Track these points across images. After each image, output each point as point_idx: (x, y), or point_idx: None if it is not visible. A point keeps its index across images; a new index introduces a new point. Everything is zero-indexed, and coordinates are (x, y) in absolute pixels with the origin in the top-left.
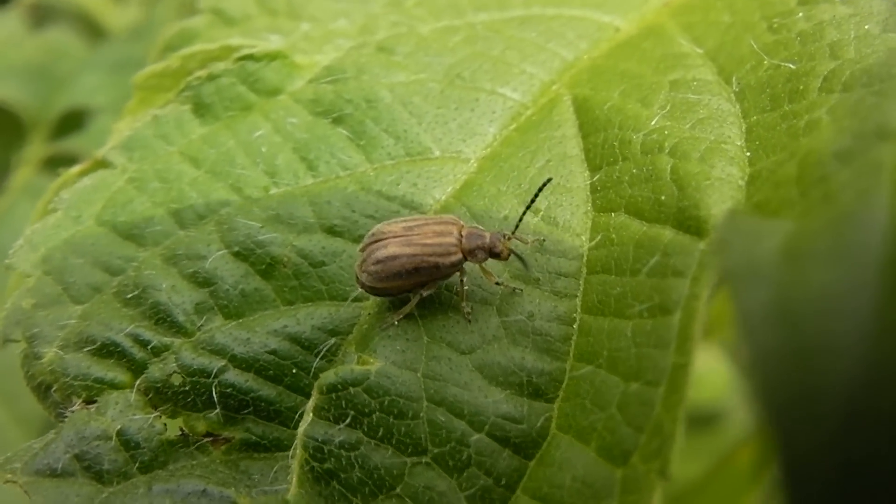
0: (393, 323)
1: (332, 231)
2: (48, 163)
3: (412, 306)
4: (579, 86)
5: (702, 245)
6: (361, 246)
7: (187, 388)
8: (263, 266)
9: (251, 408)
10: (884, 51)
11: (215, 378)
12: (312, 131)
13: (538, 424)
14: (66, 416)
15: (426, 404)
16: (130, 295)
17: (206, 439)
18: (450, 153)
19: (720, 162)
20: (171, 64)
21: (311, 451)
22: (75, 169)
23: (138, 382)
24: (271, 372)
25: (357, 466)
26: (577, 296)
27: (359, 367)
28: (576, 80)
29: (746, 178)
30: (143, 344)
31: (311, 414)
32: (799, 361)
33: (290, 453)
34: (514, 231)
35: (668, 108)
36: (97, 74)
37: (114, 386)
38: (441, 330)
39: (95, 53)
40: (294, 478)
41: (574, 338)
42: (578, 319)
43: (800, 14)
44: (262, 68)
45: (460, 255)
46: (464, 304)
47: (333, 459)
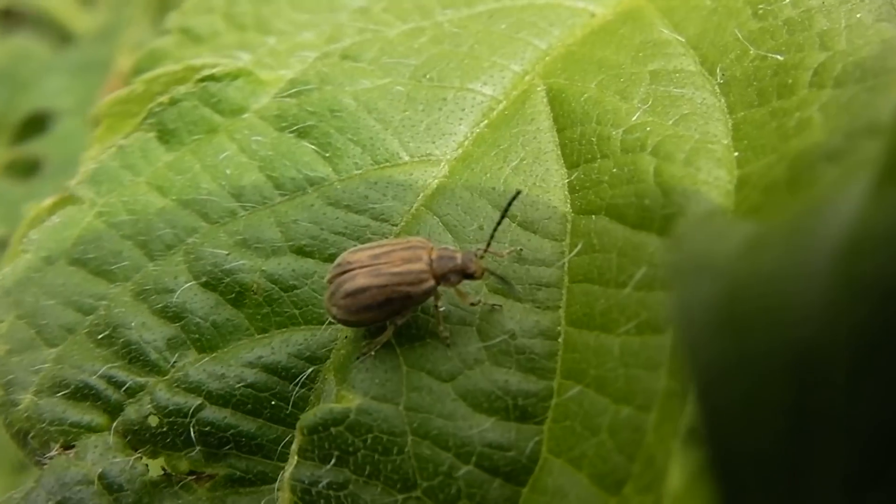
0: (370, 354)
1: (302, 252)
2: (10, 167)
3: (388, 335)
4: (553, 75)
5: None
6: (328, 277)
7: (165, 430)
8: (233, 294)
9: (232, 444)
10: (877, 42)
11: (192, 417)
12: (277, 148)
13: (528, 449)
14: (46, 463)
15: (411, 438)
16: (102, 335)
17: (190, 477)
18: (419, 156)
19: (707, 164)
20: (136, 89)
21: (300, 494)
22: (46, 203)
23: (115, 425)
24: (249, 406)
25: None
26: (561, 306)
27: (338, 406)
28: (549, 70)
29: (735, 182)
30: (118, 385)
31: (296, 456)
32: (741, 371)
33: (276, 485)
34: (488, 246)
35: (650, 103)
36: (62, 77)
37: (91, 429)
38: (420, 358)
39: (60, 56)
40: None
41: (560, 353)
42: (563, 333)
43: (786, 0)
44: (225, 88)
45: (432, 282)
46: (441, 328)
47: (323, 501)
